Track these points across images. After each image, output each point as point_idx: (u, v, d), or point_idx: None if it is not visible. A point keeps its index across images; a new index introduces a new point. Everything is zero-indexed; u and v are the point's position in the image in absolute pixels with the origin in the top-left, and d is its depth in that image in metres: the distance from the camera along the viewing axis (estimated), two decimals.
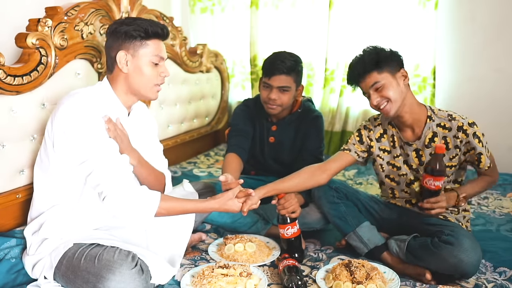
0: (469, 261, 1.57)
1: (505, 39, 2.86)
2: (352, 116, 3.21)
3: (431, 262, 1.65)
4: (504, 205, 2.42)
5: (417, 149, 1.80)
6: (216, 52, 3.34)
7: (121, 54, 1.57)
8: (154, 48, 1.59)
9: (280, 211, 1.83)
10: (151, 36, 1.58)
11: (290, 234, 1.82)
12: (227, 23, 3.45)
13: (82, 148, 1.49)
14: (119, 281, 1.38)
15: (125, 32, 1.57)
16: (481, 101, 2.92)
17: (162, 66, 1.64)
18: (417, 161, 1.82)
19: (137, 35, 1.57)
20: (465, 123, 1.72)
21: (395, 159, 1.86)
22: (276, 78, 2.06)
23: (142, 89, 1.62)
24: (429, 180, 1.68)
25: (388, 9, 2.97)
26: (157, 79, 1.63)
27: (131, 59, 1.58)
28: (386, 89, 1.70)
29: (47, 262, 1.52)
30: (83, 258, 1.45)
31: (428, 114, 1.77)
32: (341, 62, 3.11)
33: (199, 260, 1.83)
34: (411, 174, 1.85)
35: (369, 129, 1.91)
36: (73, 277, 1.46)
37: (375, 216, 1.94)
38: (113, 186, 1.47)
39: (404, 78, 1.74)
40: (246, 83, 3.55)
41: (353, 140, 1.92)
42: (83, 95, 1.55)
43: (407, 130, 1.81)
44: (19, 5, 2.03)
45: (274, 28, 3.28)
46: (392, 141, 1.86)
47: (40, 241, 1.54)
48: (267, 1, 3.26)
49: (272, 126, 2.24)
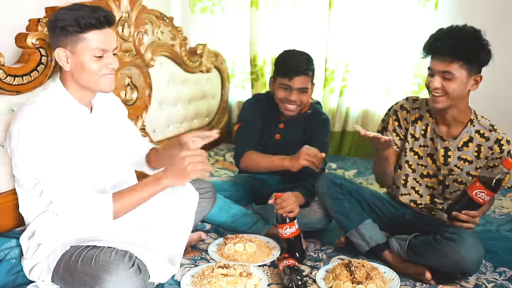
0: (471, 258, 1.57)
1: (504, 39, 2.85)
2: (352, 116, 3.22)
3: (432, 258, 1.64)
4: (504, 205, 2.42)
5: (447, 148, 1.76)
6: (216, 52, 3.34)
7: (59, 51, 1.47)
8: (93, 41, 1.45)
9: (278, 210, 1.83)
10: (86, 28, 1.44)
11: (288, 233, 1.82)
12: (227, 23, 3.45)
13: (34, 169, 1.44)
14: (116, 282, 1.37)
15: (59, 27, 1.44)
16: (481, 101, 2.89)
17: (108, 57, 1.50)
18: (442, 160, 1.78)
19: (71, 30, 1.43)
20: (504, 138, 1.70)
21: (419, 148, 1.83)
22: (296, 80, 2.05)
23: (90, 84, 1.50)
24: (481, 192, 1.57)
25: (388, 9, 2.98)
26: (102, 71, 1.50)
27: (71, 56, 1.47)
28: (453, 84, 1.62)
29: (44, 266, 1.51)
30: (80, 260, 1.44)
31: (471, 118, 1.74)
32: (341, 62, 3.12)
33: (199, 260, 1.83)
34: (430, 168, 1.82)
35: (406, 110, 1.85)
36: (71, 280, 1.45)
37: (378, 213, 1.93)
38: (62, 202, 1.43)
39: (474, 83, 1.66)
40: (246, 83, 3.55)
41: (392, 125, 1.87)
42: (34, 108, 1.44)
43: (443, 126, 1.77)
44: (19, 5, 2.03)
45: (274, 28, 3.28)
46: (424, 130, 1.81)
47: (36, 246, 1.53)
48: (267, 1, 3.27)
49: (280, 124, 2.24)
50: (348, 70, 3.13)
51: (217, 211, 2.09)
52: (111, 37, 1.51)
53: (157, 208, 1.78)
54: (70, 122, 1.51)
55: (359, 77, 3.14)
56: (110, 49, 1.51)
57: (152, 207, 1.78)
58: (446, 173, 1.79)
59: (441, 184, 1.82)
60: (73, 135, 1.52)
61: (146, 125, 2.62)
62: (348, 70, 3.13)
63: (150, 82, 2.60)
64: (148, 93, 2.59)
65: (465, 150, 1.75)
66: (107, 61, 1.50)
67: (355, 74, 3.14)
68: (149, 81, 2.59)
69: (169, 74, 2.82)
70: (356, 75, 3.15)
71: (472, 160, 1.75)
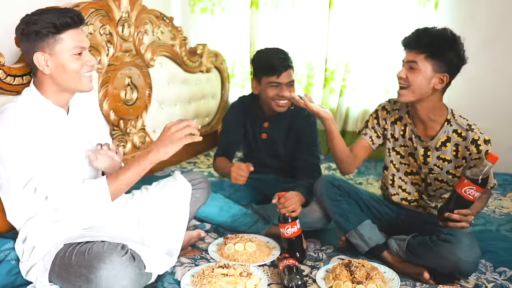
0: (468, 259, 1.57)
1: (505, 39, 2.86)
2: (352, 116, 3.22)
3: (430, 260, 1.64)
4: (504, 205, 2.42)
5: (427, 148, 1.79)
6: (216, 52, 3.34)
7: (38, 56, 1.47)
8: (70, 40, 1.48)
9: (281, 210, 1.83)
10: (62, 29, 1.46)
11: (290, 233, 1.82)
12: (227, 23, 3.45)
13: (20, 172, 1.44)
14: (110, 269, 1.36)
15: (34, 32, 1.45)
16: (481, 101, 2.92)
17: (86, 55, 1.52)
18: (422, 159, 1.81)
19: (47, 32, 1.45)
20: (481, 138, 1.69)
21: (400, 148, 1.87)
22: (284, 75, 2.10)
23: (70, 84, 1.52)
24: (470, 188, 1.56)
25: (388, 9, 2.97)
26: (83, 69, 1.52)
27: (50, 58, 1.47)
28: (416, 75, 1.66)
29: (40, 267, 1.52)
30: (74, 255, 1.44)
31: (448, 117, 1.75)
32: (341, 62, 3.12)
33: (199, 259, 1.83)
34: (413, 165, 1.85)
35: (387, 111, 1.91)
36: (66, 275, 1.45)
37: (376, 214, 1.94)
38: (58, 194, 1.43)
39: (440, 82, 1.67)
40: (246, 83, 3.55)
41: (371, 123, 1.93)
42: (11, 113, 1.45)
43: (420, 126, 1.80)
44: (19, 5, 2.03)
45: (274, 28, 3.28)
46: (403, 130, 1.85)
47: (31, 248, 1.54)
48: (267, 1, 3.27)
49: (264, 123, 2.26)
50: (348, 70, 3.13)
51: (217, 211, 2.09)
52: (84, 35, 1.55)
53: (150, 203, 1.78)
54: (47, 125, 1.52)
55: (359, 77, 3.14)
56: (86, 46, 1.53)
57: (145, 203, 1.78)
58: (427, 172, 1.82)
59: (424, 182, 1.86)
60: (51, 137, 1.52)
61: (146, 125, 2.62)
62: (348, 70, 3.13)
63: (150, 82, 2.60)
64: (148, 93, 2.59)
65: (443, 150, 1.76)
66: (86, 59, 1.52)
67: (355, 74, 3.14)
68: (149, 81, 2.59)
69: (169, 74, 2.82)
70: (356, 75, 3.15)
71: (451, 160, 1.76)
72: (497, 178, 2.66)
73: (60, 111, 1.58)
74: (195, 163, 3.04)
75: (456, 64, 1.68)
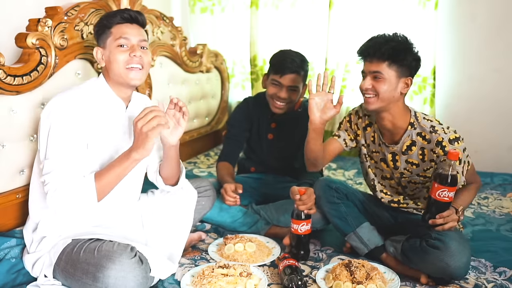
0: (457, 265, 1.56)
1: (505, 39, 2.86)
2: None
3: (420, 265, 1.64)
4: (504, 205, 2.42)
5: (394, 153, 1.78)
6: (216, 52, 3.34)
7: (96, 50, 1.62)
8: (116, 33, 1.59)
9: (299, 206, 1.81)
10: (112, 24, 1.60)
11: (303, 230, 1.81)
12: (227, 23, 3.45)
13: (50, 145, 1.47)
14: (119, 269, 1.38)
15: (96, 31, 1.64)
16: (481, 101, 2.92)
17: (133, 48, 1.59)
18: (392, 165, 1.80)
19: (100, 28, 1.62)
20: (445, 139, 1.66)
21: (372, 154, 1.87)
22: (287, 77, 2.09)
23: (116, 75, 1.58)
24: (443, 191, 1.55)
25: (388, 9, 2.97)
26: (129, 60, 1.57)
27: (103, 52, 1.61)
28: (382, 84, 1.66)
29: (46, 260, 1.53)
30: (82, 251, 1.46)
31: (411, 121, 1.73)
32: (341, 62, 3.11)
33: (199, 260, 1.83)
34: (386, 171, 1.84)
35: (358, 116, 1.90)
36: (72, 271, 1.46)
37: (374, 216, 1.93)
38: (51, 185, 1.44)
39: (405, 86, 1.69)
40: (246, 83, 3.55)
41: (345, 125, 1.93)
42: (70, 93, 1.54)
43: (386, 133, 1.78)
44: (19, 5, 2.03)
45: (274, 28, 3.28)
46: (373, 136, 1.85)
47: (40, 239, 1.55)
48: (267, 1, 3.26)
49: (272, 123, 2.26)
50: (348, 70, 3.13)
51: (217, 211, 2.09)
52: (135, 30, 1.61)
53: (155, 207, 1.79)
54: (105, 112, 1.59)
55: (359, 77, 3.13)
56: (133, 39, 1.59)
57: (150, 206, 1.79)
58: (399, 176, 1.81)
59: (400, 186, 1.85)
60: (106, 125, 1.58)
61: None
62: (348, 70, 3.13)
63: (150, 82, 2.60)
64: (148, 93, 2.59)
65: (410, 154, 1.74)
66: (131, 51, 1.58)
67: (355, 74, 3.14)
68: (149, 81, 2.59)
69: (169, 74, 2.82)
70: (356, 75, 3.14)
71: (418, 163, 1.75)
72: (497, 178, 2.70)
73: (120, 103, 1.64)
74: (195, 163, 3.04)
75: (415, 66, 1.69)
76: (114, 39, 1.58)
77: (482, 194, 2.52)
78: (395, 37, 1.68)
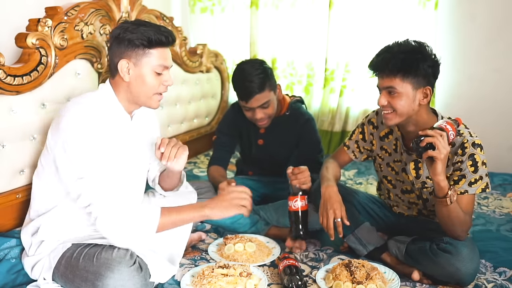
0: (466, 270, 1.56)
1: (505, 39, 2.86)
2: (352, 116, 3.22)
3: (428, 267, 1.64)
4: (504, 205, 2.42)
5: (417, 160, 1.71)
6: (216, 52, 3.34)
7: (123, 62, 1.51)
8: (157, 57, 1.53)
9: (292, 181, 1.82)
10: (154, 45, 1.51)
11: (297, 206, 1.80)
12: (227, 23, 3.45)
13: (80, 165, 1.43)
14: (118, 278, 1.38)
15: (128, 40, 1.50)
16: (481, 101, 2.92)
17: (166, 75, 1.56)
18: (414, 173, 1.72)
19: (139, 44, 1.50)
20: (469, 141, 1.57)
21: (394, 163, 1.80)
22: (253, 100, 2.06)
23: (141, 98, 1.56)
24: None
25: (388, 9, 2.97)
26: (159, 88, 1.56)
27: (133, 68, 1.52)
28: (398, 100, 1.56)
29: (46, 263, 1.52)
30: (82, 258, 1.45)
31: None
32: (341, 62, 3.11)
33: (199, 260, 1.83)
34: (408, 183, 1.78)
35: (373, 125, 1.83)
36: (71, 277, 1.46)
37: (375, 217, 1.93)
38: (104, 206, 1.42)
39: (424, 96, 1.58)
40: None
41: (356, 136, 1.89)
42: (85, 106, 1.49)
43: (410, 139, 1.68)
44: (19, 5, 2.03)
45: (274, 28, 3.28)
46: (395, 145, 1.78)
47: (39, 242, 1.54)
48: (267, 1, 3.26)
49: (260, 129, 2.25)
50: (348, 70, 3.13)
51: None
52: (170, 56, 1.59)
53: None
54: (111, 126, 1.55)
55: (359, 77, 3.14)
56: (170, 66, 1.58)
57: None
58: (420, 187, 1.74)
59: (421, 199, 1.79)
60: (113, 139, 1.55)
61: None
62: (348, 70, 3.13)
63: None
64: None
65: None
66: (165, 78, 1.56)
67: (355, 74, 3.14)
68: None
69: None
70: (356, 75, 3.14)
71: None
72: (497, 178, 2.70)
73: (125, 116, 1.61)
74: (195, 163, 3.04)
75: (433, 73, 1.59)
76: (154, 63, 1.52)
77: (482, 194, 2.52)
78: (404, 47, 1.58)
